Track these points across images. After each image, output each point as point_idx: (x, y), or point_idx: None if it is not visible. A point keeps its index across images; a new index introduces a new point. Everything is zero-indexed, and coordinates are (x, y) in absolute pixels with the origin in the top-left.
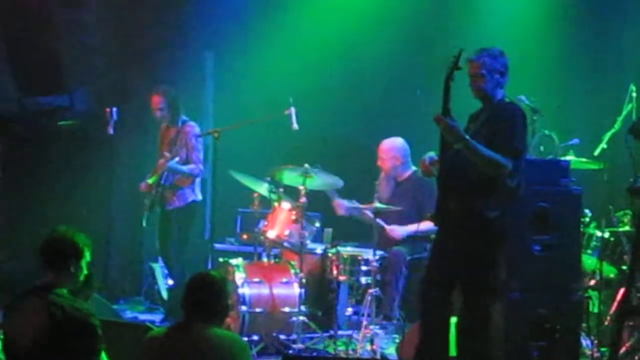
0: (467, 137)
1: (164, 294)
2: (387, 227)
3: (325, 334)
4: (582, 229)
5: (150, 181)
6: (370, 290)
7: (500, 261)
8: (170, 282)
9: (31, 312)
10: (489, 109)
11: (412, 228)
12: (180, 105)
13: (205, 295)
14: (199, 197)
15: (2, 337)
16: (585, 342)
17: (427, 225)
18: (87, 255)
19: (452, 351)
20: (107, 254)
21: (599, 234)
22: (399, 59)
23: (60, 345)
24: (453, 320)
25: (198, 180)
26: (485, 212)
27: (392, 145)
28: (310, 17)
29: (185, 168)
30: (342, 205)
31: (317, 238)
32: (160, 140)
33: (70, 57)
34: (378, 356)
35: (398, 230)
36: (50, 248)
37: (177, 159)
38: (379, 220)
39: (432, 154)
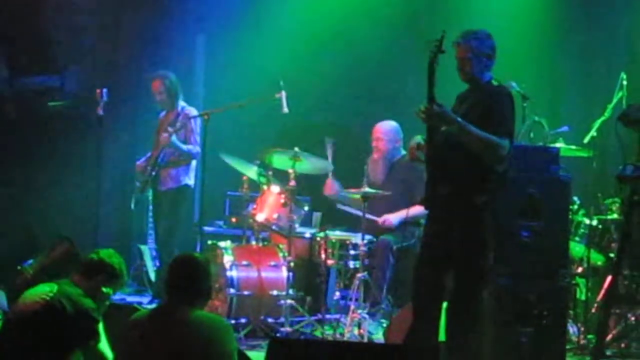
0: (460, 119)
1: (152, 276)
2: (379, 219)
3: (313, 318)
4: (570, 216)
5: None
6: (359, 275)
7: (489, 246)
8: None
9: (40, 292)
10: (476, 92)
11: (403, 214)
12: (178, 90)
13: (188, 277)
14: (192, 181)
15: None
16: (572, 329)
17: (417, 209)
18: (118, 283)
19: (442, 336)
20: (95, 236)
21: (587, 221)
22: (390, 43)
23: (54, 329)
24: (444, 305)
25: (193, 164)
26: (473, 197)
27: (392, 127)
28: (301, 2)
29: (184, 147)
30: (333, 187)
31: (306, 222)
32: (158, 127)
33: (60, 38)
34: (366, 340)
35: (391, 219)
36: (91, 259)
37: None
38: (369, 216)
39: (418, 138)
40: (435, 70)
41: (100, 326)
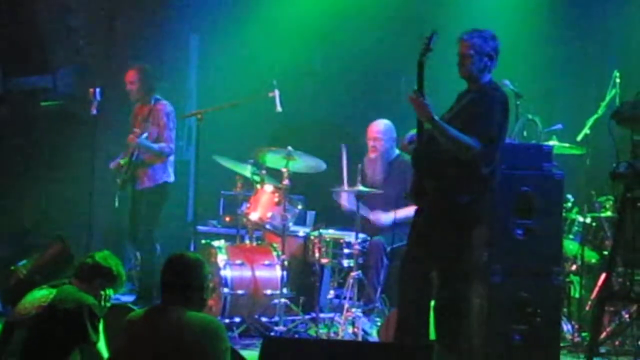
0: (436, 117)
1: None
2: (370, 216)
3: (307, 317)
4: (564, 214)
5: (122, 162)
6: (353, 273)
7: (472, 246)
8: None
9: (40, 297)
10: (473, 92)
11: (394, 215)
12: (154, 84)
13: (180, 277)
14: (172, 178)
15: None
16: (566, 326)
17: (410, 210)
18: (117, 284)
19: (433, 335)
20: (89, 236)
21: (581, 219)
22: (384, 41)
23: (56, 330)
24: (433, 303)
25: (171, 160)
26: (456, 197)
27: (388, 126)
28: (294, 0)
29: (155, 146)
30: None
31: (300, 220)
32: (132, 119)
33: (53, 38)
34: (360, 339)
35: (382, 218)
36: (87, 264)
37: (145, 134)
38: (362, 211)
39: (413, 132)
40: (424, 67)
41: (101, 325)
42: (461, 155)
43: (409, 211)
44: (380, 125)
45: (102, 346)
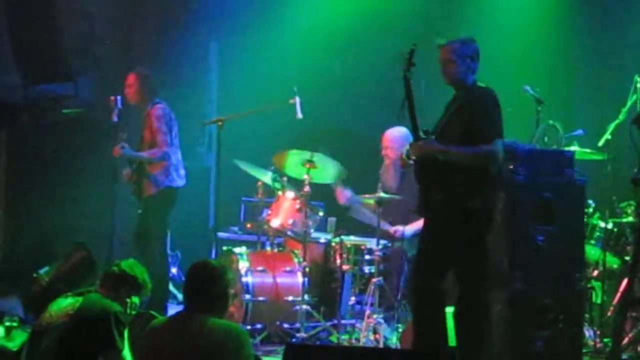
0: (444, 147)
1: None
2: (391, 229)
3: (329, 323)
4: (585, 220)
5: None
6: (374, 280)
7: (488, 249)
8: (174, 270)
9: (66, 305)
10: (461, 96)
11: (416, 226)
12: (152, 90)
13: (204, 284)
14: (177, 182)
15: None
16: (588, 332)
17: None
18: (143, 293)
19: (452, 341)
20: (111, 243)
21: (602, 224)
22: (404, 47)
23: (83, 338)
24: (450, 310)
25: (174, 163)
26: (468, 201)
27: (400, 134)
28: (313, 7)
29: (143, 154)
30: (345, 195)
31: (321, 227)
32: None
33: (74, 46)
34: (381, 345)
35: (403, 231)
36: (113, 272)
37: (127, 146)
38: (383, 224)
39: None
40: (411, 82)
41: (126, 332)
42: (487, 164)
43: None
44: (392, 134)
45: (127, 353)
